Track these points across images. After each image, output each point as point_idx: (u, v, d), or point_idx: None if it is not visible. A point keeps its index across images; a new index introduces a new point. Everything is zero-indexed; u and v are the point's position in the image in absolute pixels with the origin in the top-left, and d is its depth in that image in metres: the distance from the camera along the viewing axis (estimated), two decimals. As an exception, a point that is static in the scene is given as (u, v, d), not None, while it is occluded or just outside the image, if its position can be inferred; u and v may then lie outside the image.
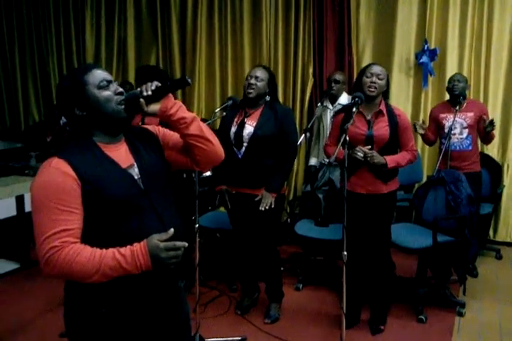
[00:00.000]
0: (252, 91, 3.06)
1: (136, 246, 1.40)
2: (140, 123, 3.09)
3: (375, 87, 2.93)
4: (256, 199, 3.08)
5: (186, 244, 1.41)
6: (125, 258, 1.38)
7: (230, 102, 3.11)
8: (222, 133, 3.17)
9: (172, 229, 1.42)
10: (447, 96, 4.30)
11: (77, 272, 1.37)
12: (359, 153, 2.89)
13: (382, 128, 2.98)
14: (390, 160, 2.95)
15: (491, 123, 3.82)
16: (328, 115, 4.20)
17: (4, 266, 4.11)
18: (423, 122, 4.18)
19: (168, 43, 5.50)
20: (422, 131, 4.05)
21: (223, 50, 5.30)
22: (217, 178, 3.35)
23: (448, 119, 3.97)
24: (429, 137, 4.12)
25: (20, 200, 4.10)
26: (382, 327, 3.13)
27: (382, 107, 3.00)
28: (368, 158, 2.90)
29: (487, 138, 4.00)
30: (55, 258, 1.36)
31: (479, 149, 4.16)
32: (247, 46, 5.20)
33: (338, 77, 4.19)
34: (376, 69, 2.97)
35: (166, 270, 1.47)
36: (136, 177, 1.53)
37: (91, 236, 1.44)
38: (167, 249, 1.39)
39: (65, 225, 1.39)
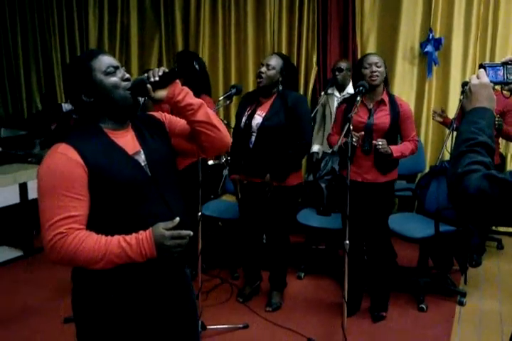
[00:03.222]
0: (261, 80, 3.07)
1: (142, 234, 1.41)
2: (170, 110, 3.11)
3: (377, 76, 2.96)
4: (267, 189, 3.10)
5: (191, 233, 1.42)
6: (130, 246, 1.39)
7: (234, 90, 3.09)
8: (236, 123, 3.23)
9: (178, 218, 1.43)
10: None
11: (82, 259, 1.38)
12: (353, 138, 2.84)
13: (382, 117, 3.00)
14: (395, 150, 2.96)
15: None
16: (335, 103, 4.19)
17: (8, 254, 4.13)
18: (442, 111, 4.12)
19: (171, 31, 5.46)
20: (440, 119, 4.00)
21: (226, 38, 5.26)
22: (232, 167, 3.36)
23: None
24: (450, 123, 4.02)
25: (23, 188, 4.10)
26: (383, 314, 3.15)
27: (385, 96, 3.03)
28: (379, 147, 2.90)
29: (501, 135, 3.80)
30: (61, 244, 1.37)
31: (499, 143, 4.00)
32: (250, 34, 5.15)
33: (342, 65, 4.16)
34: (372, 58, 3.00)
35: (172, 257, 1.47)
36: (142, 163, 1.53)
37: (98, 222, 1.45)
38: (172, 237, 1.40)
39: (71, 212, 1.39)
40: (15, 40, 6.14)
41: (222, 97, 3.10)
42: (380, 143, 2.91)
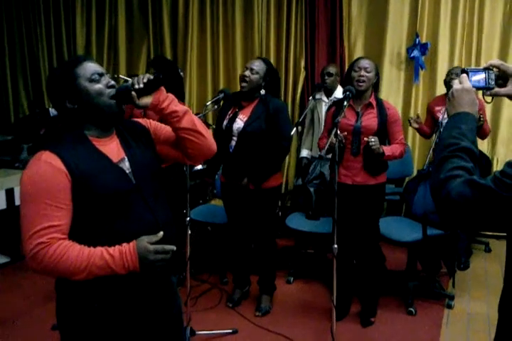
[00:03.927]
0: (244, 84, 3.06)
1: (125, 246, 1.40)
2: (142, 114, 3.11)
3: (364, 81, 2.98)
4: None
5: (175, 248, 1.43)
6: (113, 258, 1.38)
7: (222, 95, 3.10)
8: (217, 125, 3.20)
9: (161, 232, 1.43)
10: (438, 91, 4.33)
11: (63, 269, 1.37)
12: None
13: (370, 120, 3.02)
14: (386, 149, 2.97)
15: (479, 118, 3.82)
16: (323, 108, 4.20)
17: (-6, 260, 4.09)
18: (417, 116, 4.17)
19: (159, 35, 5.46)
20: (416, 125, 4.05)
21: (215, 43, 5.27)
22: (210, 170, 3.38)
23: (442, 112, 3.98)
24: (425, 130, 4.12)
25: (10, 194, 4.06)
26: (372, 320, 3.16)
27: (372, 100, 3.05)
28: (372, 143, 2.88)
29: (480, 134, 3.95)
30: (42, 254, 1.36)
31: None
32: (238, 39, 5.17)
33: (331, 69, 4.18)
34: (363, 62, 3.01)
35: (155, 270, 1.46)
36: (127, 171, 1.52)
37: (81, 231, 1.44)
38: (156, 252, 1.40)
39: (53, 221, 1.38)
40: (1, 45, 6.09)
41: (210, 102, 3.10)
42: (373, 140, 2.89)
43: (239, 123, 3.10)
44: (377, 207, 3.17)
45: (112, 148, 1.52)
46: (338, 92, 4.18)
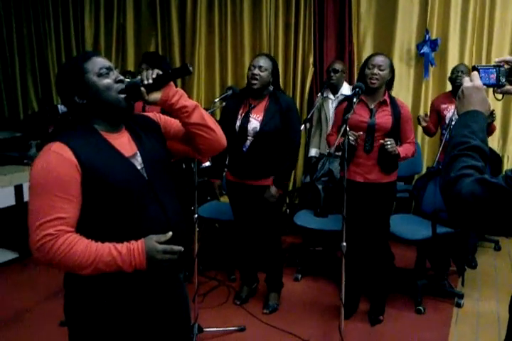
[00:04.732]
0: (256, 82, 3.01)
1: (134, 244, 1.39)
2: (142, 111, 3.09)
3: (377, 79, 2.94)
4: (265, 195, 3.09)
5: (182, 249, 1.43)
6: (121, 255, 1.37)
7: (230, 92, 3.08)
8: (225, 124, 3.13)
9: (170, 233, 1.42)
10: (448, 87, 4.29)
11: (70, 263, 1.36)
12: (350, 137, 2.83)
13: (384, 117, 2.99)
14: (401, 151, 2.96)
15: (491, 114, 3.79)
16: (330, 105, 4.17)
17: (3, 256, 4.10)
18: (426, 115, 4.14)
19: (167, 31, 5.45)
20: (424, 124, 4.02)
21: (223, 39, 5.25)
22: (216, 170, 3.36)
23: (449, 110, 3.95)
24: (430, 128, 4.10)
25: (19, 190, 4.08)
26: (381, 318, 3.14)
27: (386, 97, 3.02)
28: (388, 146, 2.87)
29: (488, 130, 3.94)
30: (49, 246, 1.35)
31: None
32: (247, 35, 5.15)
33: (337, 66, 4.15)
34: (377, 60, 2.96)
35: (162, 268, 1.46)
36: (139, 166, 1.51)
37: (90, 225, 1.43)
38: (165, 251, 1.39)
39: (61, 213, 1.36)
40: (10, 41, 6.11)
41: (218, 99, 3.09)
42: (389, 142, 2.88)
43: (254, 123, 3.05)
44: (388, 204, 3.14)
45: (123, 143, 1.51)
46: (345, 89, 4.15)
